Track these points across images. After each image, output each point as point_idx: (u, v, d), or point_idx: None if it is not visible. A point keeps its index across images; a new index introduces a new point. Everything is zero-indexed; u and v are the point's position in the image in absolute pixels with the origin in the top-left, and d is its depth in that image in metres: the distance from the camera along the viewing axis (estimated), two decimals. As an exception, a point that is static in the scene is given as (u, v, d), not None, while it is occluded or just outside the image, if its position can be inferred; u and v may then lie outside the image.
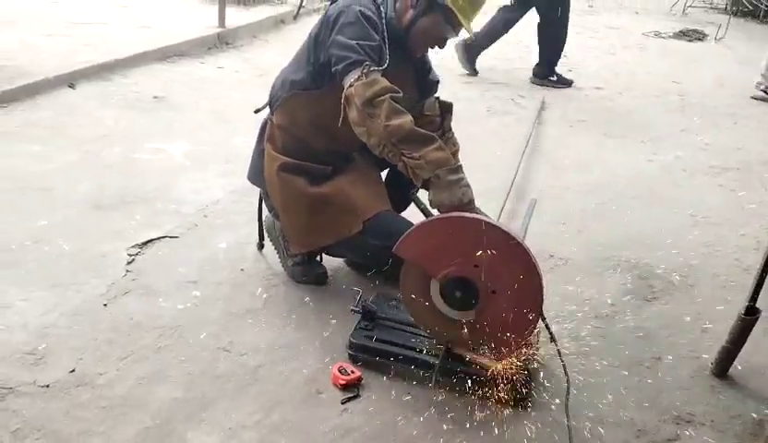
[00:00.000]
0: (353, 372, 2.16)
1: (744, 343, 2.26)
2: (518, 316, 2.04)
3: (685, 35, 8.42)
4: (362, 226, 2.35)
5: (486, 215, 2.28)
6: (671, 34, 8.46)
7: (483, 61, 6.06)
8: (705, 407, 2.17)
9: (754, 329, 2.26)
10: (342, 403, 2.08)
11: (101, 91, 4.58)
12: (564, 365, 2.06)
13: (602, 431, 2.04)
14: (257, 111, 2.70)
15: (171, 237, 2.92)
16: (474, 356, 2.13)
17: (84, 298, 2.45)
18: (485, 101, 5.23)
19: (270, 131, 2.52)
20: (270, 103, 2.56)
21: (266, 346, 2.30)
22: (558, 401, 2.11)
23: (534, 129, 4.62)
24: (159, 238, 2.89)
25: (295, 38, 6.59)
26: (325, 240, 2.47)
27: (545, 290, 2.04)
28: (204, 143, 3.93)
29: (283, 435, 1.96)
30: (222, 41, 6.03)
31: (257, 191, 2.77)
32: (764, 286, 2.25)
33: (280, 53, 5.95)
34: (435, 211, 2.20)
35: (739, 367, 2.32)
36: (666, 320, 2.62)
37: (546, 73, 5.90)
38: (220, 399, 2.08)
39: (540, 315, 2.08)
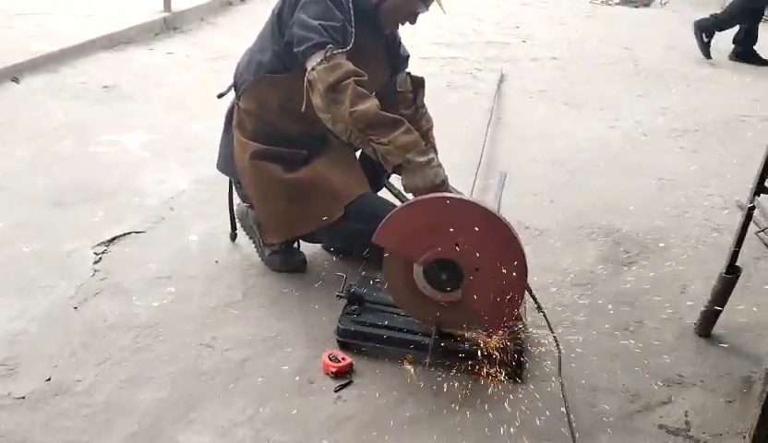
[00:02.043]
0: (343, 359, 2.10)
1: (726, 302, 2.29)
2: (504, 289, 2.02)
3: (631, 1, 8.52)
4: (343, 211, 2.29)
5: (460, 193, 2.25)
6: (618, 1, 8.54)
7: (439, 35, 6.01)
8: (694, 367, 2.20)
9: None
10: (336, 391, 2.03)
11: (47, 84, 4.36)
12: (555, 336, 2.05)
13: (597, 398, 2.05)
14: (220, 95, 2.59)
15: (137, 232, 2.80)
16: (466, 334, 2.11)
17: (53, 302, 2.33)
18: (443, 77, 5.18)
19: (239, 117, 2.42)
20: (236, 87, 2.46)
21: (250, 339, 2.23)
22: (549, 371, 2.11)
23: (495, 102, 4.61)
24: (125, 234, 2.77)
25: (245, 20, 6.47)
26: (305, 228, 2.40)
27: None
28: (161, 132, 3.78)
29: (278, 428, 1.90)
30: (170, 25, 5.81)
31: (223, 179, 2.67)
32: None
33: (230, 35, 5.81)
34: (409, 195, 2.16)
35: (721, 326, 2.35)
36: (645, 284, 2.64)
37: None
38: (207, 397, 2.00)
39: (526, 286, 2.06)
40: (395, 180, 2.26)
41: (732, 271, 2.26)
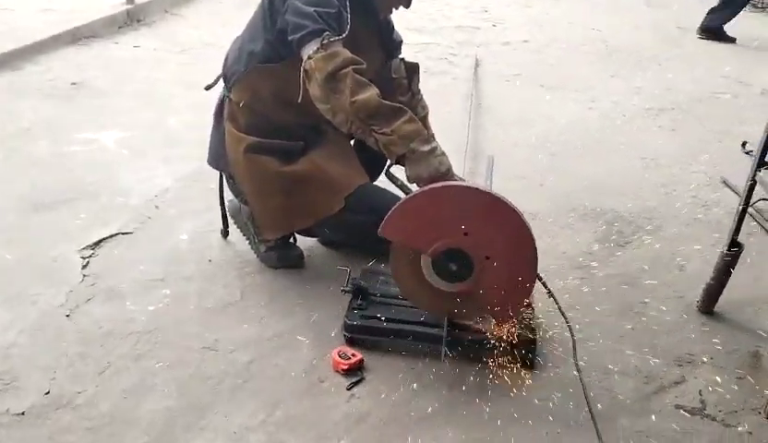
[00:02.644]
0: (353, 355, 2.05)
1: (728, 279, 2.30)
2: (515, 277, 1.99)
3: (594, -18, 8.54)
4: (343, 203, 2.23)
5: (465, 180, 2.22)
6: (581, -18, 8.57)
7: (409, 21, 5.94)
8: (702, 345, 2.20)
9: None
10: (348, 389, 1.98)
11: (12, 82, 4.18)
12: (569, 324, 2.02)
13: (611, 382, 2.04)
14: (208, 87, 2.50)
15: (124, 233, 2.69)
16: (476, 324, 2.08)
17: (43, 311, 2.23)
18: (419, 63, 5.10)
19: (230, 110, 2.33)
20: (226, 79, 2.37)
21: (254, 339, 2.16)
22: (560, 357, 2.10)
23: (473, 88, 4.58)
24: (111, 236, 2.66)
25: (209, 10, 6.32)
26: (304, 222, 2.33)
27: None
28: (137, 128, 3.65)
29: (293, 431, 1.85)
30: (133, 18, 5.63)
31: (208, 174, 2.59)
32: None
33: (195, 26, 5.66)
34: (413, 186, 2.11)
35: (723, 303, 2.37)
36: (643, 263, 2.65)
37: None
38: (216, 402, 1.93)
39: (537, 272, 2.03)
40: (397, 170, 2.21)
41: (734, 248, 2.27)
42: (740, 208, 2.23)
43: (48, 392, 1.91)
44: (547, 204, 3.08)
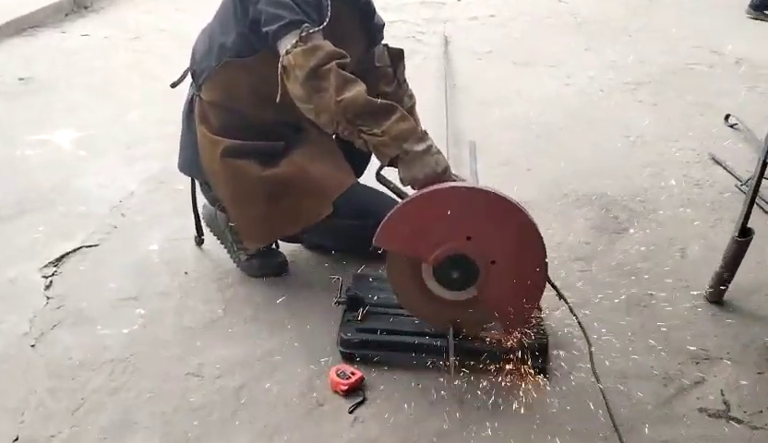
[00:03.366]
0: (353, 373, 1.89)
1: (738, 266, 2.20)
2: (524, 280, 1.86)
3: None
4: (332, 208, 2.05)
5: (464, 179, 2.06)
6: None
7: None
8: (716, 339, 2.10)
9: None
10: (350, 412, 1.83)
11: (-49, 80, 3.87)
12: (582, 326, 1.90)
13: (629, 386, 1.92)
14: (174, 85, 2.28)
15: (89, 247, 2.47)
16: (485, 333, 1.94)
17: (5, 341, 2.02)
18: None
19: (201, 110, 2.12)
20: (195, 75, 2.16)
21: (242, 361, 1.99)
22: (573, 361, 1.98)
23: (446, 67, 4.41)
24: (75, 250, 2.44)
25: (164, -8, 5.98)
26: (289, 230, 2.15)
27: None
28: (94, 126, 3.39)
29: (295, 464, 1.69)
30: (80, 4, 5.28)
31: (176, 174, 2.39)
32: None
33: (148, 11, 5.33)
34: (407, 189, 1.94)
35: (730, 289, 2.27)
36: (643, 251, 2.54)
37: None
38: (207, 436, 1.76)
39: (546, 274, 1.90)
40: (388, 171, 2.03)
41: (745, 234, 2.17)
42: (752, 191, 2.11)
43: (17, 439, 1.72)
44: (537, 191, 2.94)
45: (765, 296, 2.31)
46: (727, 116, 3.67)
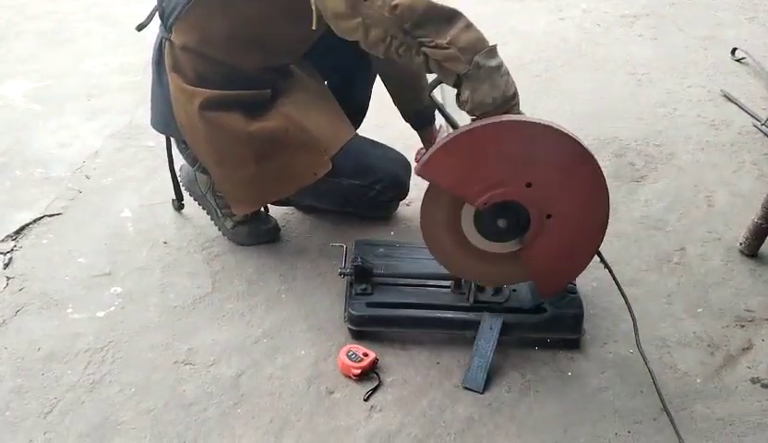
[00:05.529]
0: (365, 355, 1.67)
1: (779, 216, 2.01)
2: (578, 244, 1.62)
3: None
4: (330, 166, 1.79)
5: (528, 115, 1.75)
6: None
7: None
8: (759, 298, 1.92)
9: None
10: (366, 400, 1.61)
11: None
12: (625, 296, 1.67)
13: (673, 357, 1.73)
14: (140, 27, 1.95)
15: (51, 216, 2.18)
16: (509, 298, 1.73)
17: (-41, 334, 1.74)
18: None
19: (173, 56, 1.80)
20: (163, 15, 1.82)
21: (238, 344, 1.75)
22: (608, 332, 1.78)
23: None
24: (35, 220, 2.15)
25: None
26: (282, 192, 1.89)
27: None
28: (49, 77, 3.03)
29: (307, 465, 1.48)
30: (24, -60, 4.78)
31: (145, 129, 2.10)
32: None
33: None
34: (461, 117, 1.62)
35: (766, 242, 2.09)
36: (667, 200, 2.33)
37: None
38: (204, 436, 1.53)
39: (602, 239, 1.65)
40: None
41: (787, 182, 1.96)
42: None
43: (-20, 451, 1.47)
44: (544, 136, 2.70)
45: (801, 246, 2.12)
46: (734, 50, 3.45)
